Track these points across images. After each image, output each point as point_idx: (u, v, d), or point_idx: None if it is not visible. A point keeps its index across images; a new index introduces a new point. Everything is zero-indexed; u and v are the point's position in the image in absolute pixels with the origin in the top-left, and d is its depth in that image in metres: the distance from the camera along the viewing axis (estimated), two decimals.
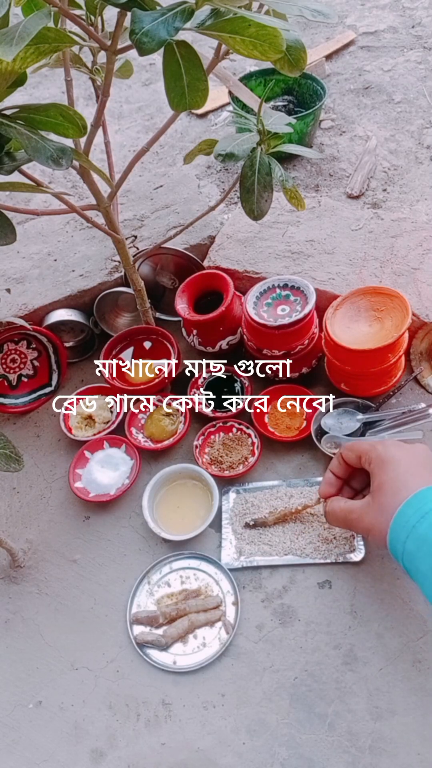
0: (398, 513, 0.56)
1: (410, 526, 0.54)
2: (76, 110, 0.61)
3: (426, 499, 0.55)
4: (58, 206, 0.78)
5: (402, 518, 0.55)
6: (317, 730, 0.75)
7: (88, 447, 1.05)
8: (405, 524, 0.54)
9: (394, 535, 0.56)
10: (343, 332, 0.95)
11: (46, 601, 0.91)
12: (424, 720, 0.74)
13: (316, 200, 1.27)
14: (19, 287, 1.21)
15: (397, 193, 1.49)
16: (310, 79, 1.67)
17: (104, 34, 0.74)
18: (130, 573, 0.92)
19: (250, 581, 0.88)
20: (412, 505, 0.55)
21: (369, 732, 0.74)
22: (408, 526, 0.54)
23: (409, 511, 0.55)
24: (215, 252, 1.19)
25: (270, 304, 1.02)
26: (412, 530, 0.54)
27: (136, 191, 1.37)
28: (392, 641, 0.80)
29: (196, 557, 0.92)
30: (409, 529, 0.54)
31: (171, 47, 0.54)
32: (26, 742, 0.80)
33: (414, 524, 0.54)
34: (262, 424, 1.02)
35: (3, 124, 0.58)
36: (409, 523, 0.54)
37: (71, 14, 0.58)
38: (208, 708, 0.79)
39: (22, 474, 1.07)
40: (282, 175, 0.80)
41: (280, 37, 0.52)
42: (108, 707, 0.81)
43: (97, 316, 1.19)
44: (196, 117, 1.91)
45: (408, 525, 0.54)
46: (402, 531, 0.55)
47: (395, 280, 1.07)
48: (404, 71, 1.88)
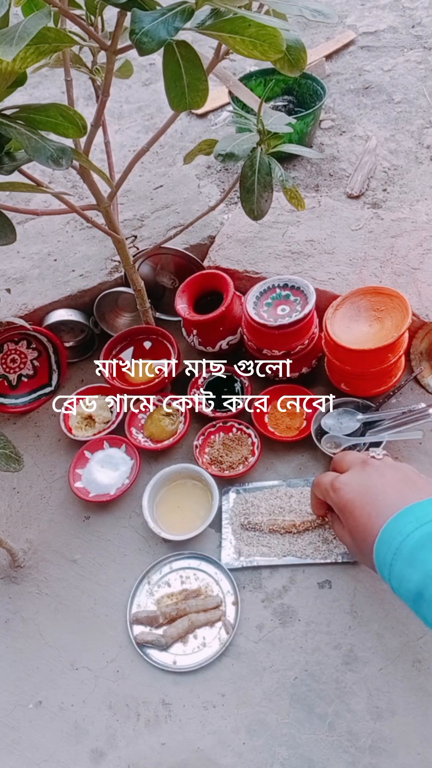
0: (376, 559, 0.58)
1: (387, 569, 0.57)
2: (76, 110, 0.61)
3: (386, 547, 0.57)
4: (58, 206, 0.78)
5: (381, 565, 0.58)
6: (317, 730, 0.75)
7: (88, 447, 1.05)
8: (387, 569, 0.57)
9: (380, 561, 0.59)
10: (343, 332, 0.94)
11: (46, 601, 0.91)
12: (424, 720, 0.74)
13: (316, 200, 1.27)
14: (19, 287, 1.21)
15: (397, 193, 1.49)
16: (310, 79, 1.67)
17: (104, 34, 0.74)
18: (130, 573, 0.92)
19: (250, 581, 0.88)
20: (380, 553, 0.57)
21: (369, 732, 0.74)
22: (386, 568, 0.57)
23: (381, 554, 0.57)
24: (215, 252, 1.19)
25: (270, 304, 1.02)
26: (396, 552, 0.56)
27: (136, 191, 1.37)
28: (392, 641, 0.80)
29: (196, 557, 0.92)
30: (389, 574, 0.57)
31: (171, 47, 0.54)
32: (26, 742, 0.80)
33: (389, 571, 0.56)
34: (262, 424, 1.02)
35: (3, 124, 0.58)
36: (385, 564, 0.57)
37: (71, 14, 0.58)
38: (208, 708, 0.79)
39: (22, 474, 1.07)
40: (282, 175, 0.80)
41: (280, 37, 0.52)
42: (108, 707, 0.81)
43: (97, 316, 1.19)
44: (196, 117, 1.91)
45: (386, 567, 0.57)
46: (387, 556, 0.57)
47: (395, 280, 1.07)
48: (404, 71, 1.88)
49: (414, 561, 0.52)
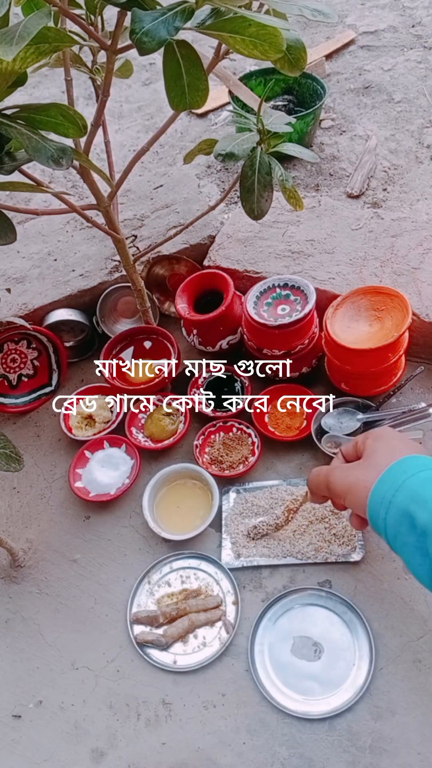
0: (371, 500, 0.55)
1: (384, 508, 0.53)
2: (76, 110, 0.61)
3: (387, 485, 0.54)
4: (58, 206, 0.78)
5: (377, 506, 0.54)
6: (317, 729, 0.75)
7: (89, 447, 1.05)
8: (393, 482, 0.54)
9: (378, 493, 0.55)
10: (343, 332, 0.94)
11: (46, 600, 0.91)
12: (424, 719, 0.74)
13: (317, 200, 1.27)
14: (19, 287, 1.21)
15: (398, 193, 1.49)
16: (310, 79, 1.67)
17: (104, 34, 0.74)
18: (130, 573, 0.92)
19: (251, 581, 0.88)
20: (378, 493, 0.54)
21: (369, 731, 0.74)
22: (383, 508, 0.53)
23: (379, 494, 0.54)
24: (215, 251, 1.19)
25: (270, 303, 1.02)
26: (401, 486, 0.53)
27: (136, 191, 1.36)
28: (392, 641, 0.80)
29: (196, 557, 0.92)
30: (396, 486, 0.53)
31: (171, 47, 0.54)
32: (27, 742, 0.80)
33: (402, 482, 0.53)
34: (263, 424, 1.02)
35: (3, 124, 0.58)
36: (383, 503, 0.53)
37: (71, 14, 0.58)
38: (208, 707, 0.79)
39: (22, 474, 1.07)
40: (282, 175, 0.80)
41: (280, 36, 0.52)
42: (108, 707, 0.81)
43: (99, 315, 1.19)
44: (196, 117, 1.91)
45: (383, 507, 0.53)
46: (389, 488, 0.54)
47: (395, 279, 1.07)
48: (404, 71, 1.88)
49: (419, 498, 0.50)
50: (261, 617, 0.84)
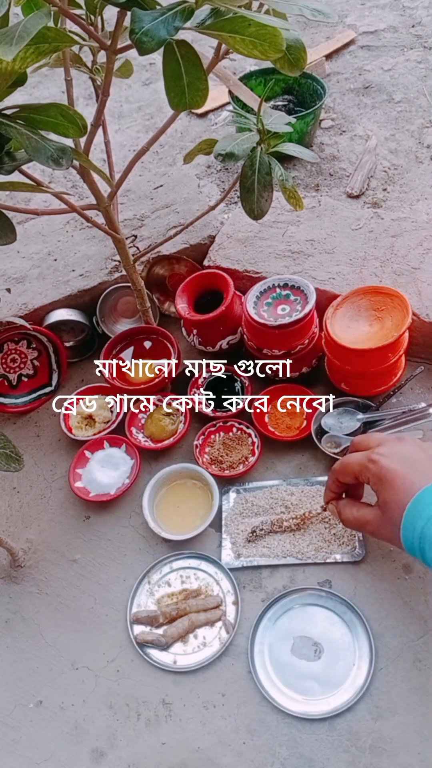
0: (403, 525, 0.53)
1: (419, 530, 0.51)
2: (76, 110, 0.61)
3: (424, 505, 0.52)
4: (58, 206, 0.78)
5: (409, 530, 0.52)
6: (317, 729, 0.75)
7: (89, 447, 1.05)
8: (413, 530, 0.52)
9: (407, 543, 0.53)
10: (343, 332, 0.94)
11: (46, 600, 0.92)
12: (424, 720, 0.74)
13: (317, 200, 1.27)
14: (19, 287, 1.21)
15: (398, 193, 1.49)
16: (310, 79, 1.67)
17: (104, 34, 0.74)
18: (130, 573, 0.92)
19: (251, 581, 0.88)
20: (412, 514, 0.52)
21: (369, 731, 0.74)
22: (417, 531, 0.51)
23: (411, 520, 0.52)
24: (215, 251, 1.19)
25: (270, 303, 1.02)
26: (422, 533, 0.51)
27: (136, 191, 1.36)
28: (392, 641, 0.80)
29: (196, 557, 0.92)
30: (419, 533, 0.51)
31: (171, 47, 0.54)
32: (27, 742, 0.80)
33: (422, 528, 0.51)
34: (262, 424, 1.02)
35: (3, 123, 0.58)
36: (417, 528, 0.51)
37: (71, 14, 0.58)
38: (208, 707, 0.79)
39: (22, 474, 1.07)
40: (282, 175, 0.80)
41: (280, 36, 0.52)
42: (108, 707, 0.81)
43: (99, 315, 1.19)
44: (196, 116, 1.91)
45: (417, 530, 0.51)
46: (414, 538, 0.52)
47: (395, 279, 1.07)
48: (404, 70, 1.88)
49: None
50: (261, 617, 0.84)
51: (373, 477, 0.59)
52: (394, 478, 0.56)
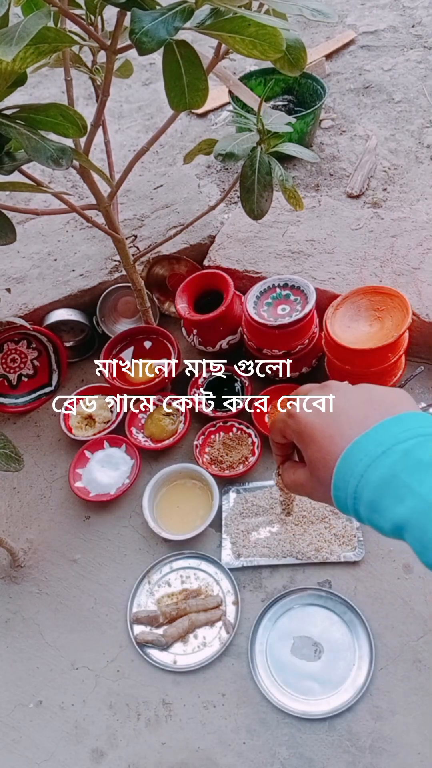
0: (333, 484, 0.45)
1: (351, 490, 0.43)
2: (76, 110, 0.61)
3: (356, 460, 0.44)
4: (58, 206, 0.78)
5: (340, 489, 0.45)
6: (317, 729, 0.75)
7: (89, 447, 1.05)
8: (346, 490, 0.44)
9: (340, 505, 0.45)
10: (343, 332, 0.94)
11: (46, 600, 0.92)
12: (424, 720, 0.74)
13: (317, 200, 1.27)
14: (20, 287, 1.21)
15: (398, 193, 1.49)
16: (310, 79, 1.66)
17: (104, 34, 0.74)
18: (130, 573, 0.92)
19: (251, 581, 0.88)
20: (343, 471, 0.44)
21: (369, 731, 0.74)
22: (349, 491, 0.44)
23: (341, 478, 0.44)
24: (215, 251, 1.19)
25: (270, 303, 1.02)
26: (356, 493, 0.43)
27: (136, 191, 1.36)
28: (392, 641, 0.80)
29: (196, 557, 0.92)
30: (352, 494, 0.44)
31: (171, 47, 0.54)
32: (27, 742, 0.80)
33: (354, 487, 0.43)
34: (262, 424, 1.02)
35: (3, 124, 0.58)
36: (349, 489, 0.44)
37: (71, 14, 0.58)
38: (208, 707, 0.79)
39: (22, 474, 1.07)
40: (282, 175, 0.80)
41: (279, 36, 0.52)
42: (108, 707, 0.81)
43: (99, 315, 1.19)
44: (196, 117, 1.91)
45: (349, 490, 0.44)
46: (347, 499, 0.44)
47: (395, 279, 1.07)
48: (404, 70, 1.88)
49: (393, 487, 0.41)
50: (261, 617, 0.84)
51: (294, 434, 0.52)
52: (313, 432, 0.49)
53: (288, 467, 0.56)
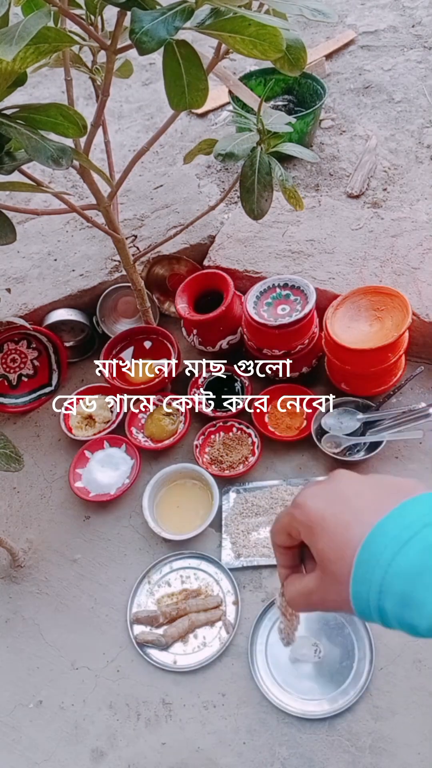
0: (353, 578, 0.40)
1: (377, 582, 0.38)
2: (76, 110, 0.61)
3: (381, 547, 0.39)
4: (58, 206, 0.78)
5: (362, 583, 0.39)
6: (317, 729, 0.75)
7: (89, 447, 1.05)
8: (370, 583, 0.39)
9: (361, 602, 0.39)
10: (343, 332, 0.94)
11: (46, 600, 0.91)
12: (424, 719, 0.74)
13: (317, 200, 1.27)
14: (20, 287, 1.20)
15: (398, 193, 1.49)
16: (310, 79, 1.66)
17: (104, 34, 0.74)
18: (130, 573, 0.92)
19: (251, 581, 0.88)
20: (365, 561, 0.39)
21: (369, 731, 0.74)
22: (375, 583, 0.38)
23: (364, 569, 0.39)
24: (215, 251, 1.19)
25: (270, 303, 1.02)
26: (382, 585, 0.38)
27: (136, 191, 1.36)
28: (392, 641, 0.80)
29: (196, 557, 0.92)
30: (377, 586, 0.38)
31: (171, 47, 0.54)
32: (27, 742, 0.80)
33: (381, 578, 0.38)
34: (262, 424, 1.02)
35: (3, 124, 0.58)
36: (375, 580, 0.38)
37: (71, 14, 0.58)
38: (208, 707, 0.79)
39: (22, 474, 1.07)
40: (282, 175, 0.80)
41: (280, 36, 0.52)
42: (108, 707, 0.81)
43: (99, 315, 1.19)
44: (196, 116, 1.91)
45: (374, 582, 0.38)
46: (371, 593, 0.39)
47: (395, 279, 1.07)
48: (404, 70, 1.88)
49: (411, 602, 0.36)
50: (261, 617, 0.84)
51: (302, 527, 0.45)
52: (324, 522, 0.43)
53: (290, 581, 0.49)
